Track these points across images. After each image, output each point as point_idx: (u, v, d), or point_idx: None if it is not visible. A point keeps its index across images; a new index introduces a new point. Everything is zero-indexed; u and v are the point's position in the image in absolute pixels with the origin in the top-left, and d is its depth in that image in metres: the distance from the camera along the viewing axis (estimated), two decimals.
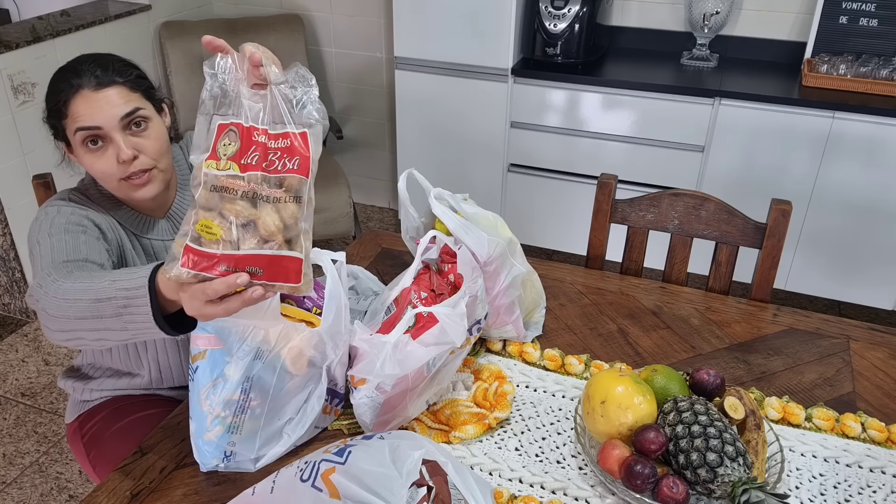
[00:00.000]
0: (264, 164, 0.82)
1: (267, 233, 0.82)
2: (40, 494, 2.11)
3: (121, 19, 3.04)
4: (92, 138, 1.16)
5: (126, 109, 1.17)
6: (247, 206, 0.82)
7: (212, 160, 0.83)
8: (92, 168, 1.19)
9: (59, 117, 1.18)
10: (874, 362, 1.38)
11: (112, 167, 1.18)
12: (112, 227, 1.25)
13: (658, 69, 2.83)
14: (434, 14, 2.82)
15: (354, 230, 3.05)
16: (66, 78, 1.17)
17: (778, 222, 1.59)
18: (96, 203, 1.27)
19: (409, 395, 1.14)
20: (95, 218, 1.23)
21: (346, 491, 0.86)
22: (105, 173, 1.19)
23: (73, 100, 1.15)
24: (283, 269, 0.81)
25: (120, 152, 1.16)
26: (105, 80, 1.17)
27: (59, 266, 1.10)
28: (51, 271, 1.07)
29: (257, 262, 0.81)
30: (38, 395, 2.48)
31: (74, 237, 1.16)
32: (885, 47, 2.62)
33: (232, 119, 0.84)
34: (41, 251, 1.14)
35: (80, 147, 1.18)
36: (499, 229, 1.33)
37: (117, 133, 1.16)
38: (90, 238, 1.19)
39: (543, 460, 1.16)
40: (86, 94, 1.15)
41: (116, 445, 1.39)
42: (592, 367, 1.35)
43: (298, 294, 0.85)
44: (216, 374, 1.07)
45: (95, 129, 1.15)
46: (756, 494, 0.96)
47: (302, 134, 0.84)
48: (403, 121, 3.08)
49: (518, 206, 3.05)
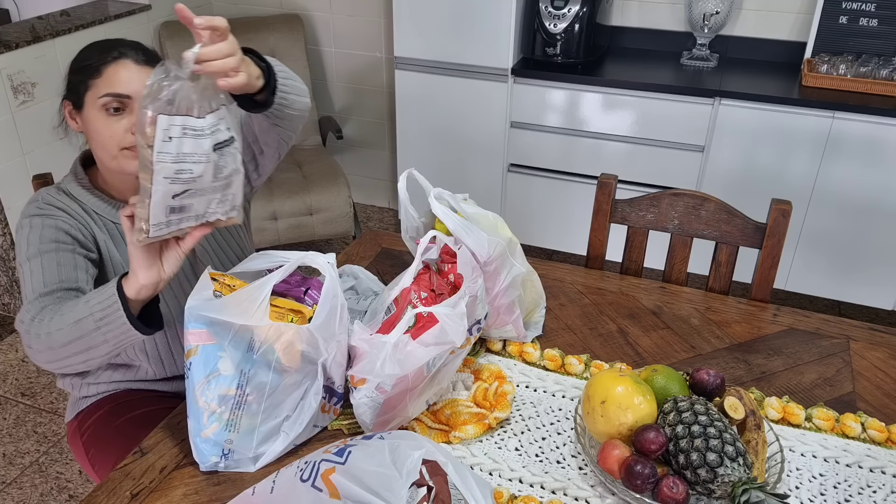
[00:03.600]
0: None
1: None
2: (40, 494, 2.11)
3: (121, 19, 3.04)
4: (116, 105, 1.21)
5: None
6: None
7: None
8: (99, 132, 1.23)
9: (91, 75, 1.22)
10: (874, 362, 1.38)
11: (122, 134, 1.22)
12: (86, 224, 1.29)
13: (658, 69, 2.83)
14: (434, 14, 2.82)
15: (354, 230, 3.05)
16: (113, 46, 1.24)
17: (778, 222, 1.59)
18: (74, 198, 1.31)
19: (409, 395, 1.14)
20: (67, 224, 1.26)
21: (346, 491, 0.86)
22: (112, 139, 1.23)
23: (114, 65, 1.22)
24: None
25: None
26: (146, 60, 1.25)
27: (37, 300, 1.17)
28: (29, 308, 1.15)
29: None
30: (37, 395, 2.48)
31: (49, 259, 1.21)
32: (885, 47, 2.62)
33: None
34: (23, 277, 1.22)
35: (97, 109, 1.22)
36: (499, 229, 1.33)
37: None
38: (64, 253, 1.23)
39: (543, 460, 1.16)
40: (127, 64, 1.22)
41: (116, 443, 1.39)
42: (592, 367, 1.35)
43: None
44: (210, 370, 1.07)
45: (124, 98, 1.21)
46: (756, 494, 0.96)
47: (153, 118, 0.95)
48: (403, 121, 3.08)
49: (518, 206, 3.05)
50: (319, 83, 3.54)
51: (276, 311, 1.11)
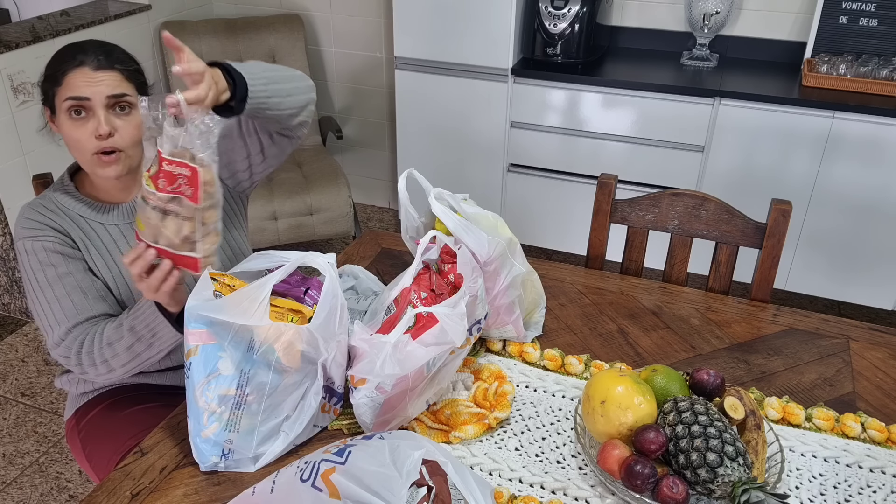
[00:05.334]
0: (169, 188, 1.06)
1: (166, 240, 1.09)
2: (40, 494, 2.11)
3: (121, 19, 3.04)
4: (77, 108, 1.25)
5: (116, 91, 1.26)
6: (154, 215, 1.08)
7: (147, 173, 1.08)
8: (70, 136, 1.27)
9: (54, 84, 1.27)
10: (874, 362, 1.38)
11: (87, 138, 1.26)
12: (65, 231, 1.32)
13: (658, 69, 2.83)
14: (434, 14, 2.82)
15: (354, 230, 3.05)
16: (73, 53, 1.27)
17: (778, 222, 1.59)
18: (57, 205, 1.34)
19: (409, 395, 1.14)
20: (52, 242, 1.30)
21: (346, 491, 0.86)
22: (80, 142, 1.27)
23: (73, 72, 1.25)
24: (184, 262, 1.10)
25: (99, 126, 1.25)
26: (106, 64, 1.27)
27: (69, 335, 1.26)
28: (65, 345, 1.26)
29: (166, 255, 1.10)
30: (37, 395, 2.48)
31: (59, 291, 1.28)
32: (885, 47, 2.62)
33: (158, 145, 1.07)
34: (36, 310, 1.29)
35: (63, 114, 1.26)
36: (499, 229, 1.33)
37: (101, 109, 1.25)
38: (67, 279, 1.29)
39: (543, 460, 1.16)
40: (85, 71, 1.25)
41: (113, 439, 1.40)
42: (592, 367, 1.35)
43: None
44: (210, 370, 1.07)
45: (83, 100, 1.25)
46: (756, 494, 0.96)
47: (194, 170, 1.05)
48: (403, 121, 3.08)
49: (518, 206, 3.05)
50: (319, 83, 3.54)
51: (276, 311, 1.11)
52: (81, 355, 1.26)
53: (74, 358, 1.27)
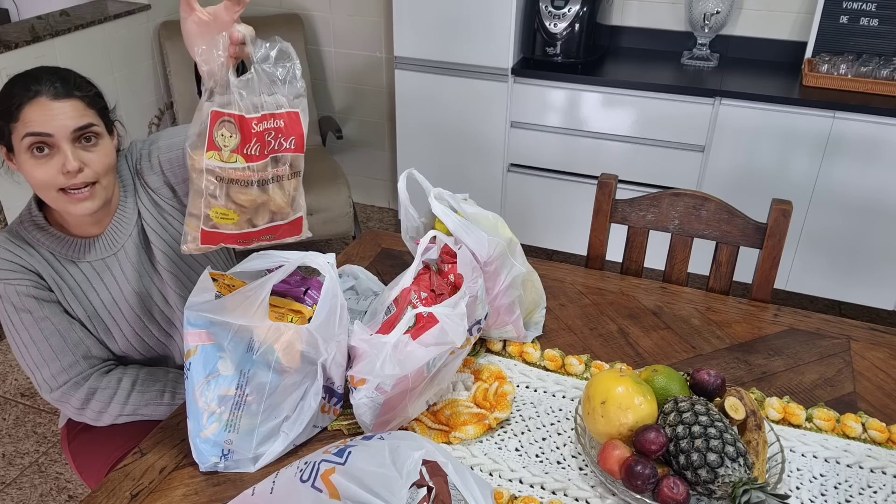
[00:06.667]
0: (266, 151, 0.90)
1: (277, 209, 0.96)
2: (40, 495, 2.11)
3: (120, 19, 3.04)
4: (39, 145, 1.14)
5: (80, 123, 1.16)
6: (258, 192, 0.93)
7: (213, 151, 0.90)
8: (32, 175, 1.17)
9: (8, 120, 1.15)
10: (875, 362, 1.38)
11: (53, 176, 1.16)
12: (36, 270, 1.25)
13: (658, 69, 2.83)
14: (434, 14, 2.82)
15: (354, 230, 3.05)
16: (26, 84, 1.16)
17: (778, 222, 1.59)
18: (28, 242, 1.26)
19: (409, 395, 1.13)
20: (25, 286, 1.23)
21: (345, 491, 0.86)
22: (45, 182, 1.17)
23: (29, 105, 1.14)
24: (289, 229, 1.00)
25: (67, 162, 1.15)
26: (64, 92, 1.16)
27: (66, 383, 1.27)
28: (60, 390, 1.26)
29: (271, 231, 0.98)
30: (37, 396, 2.47)
31: (35, 332, 1.24)
32: (886, 47, 2.62)
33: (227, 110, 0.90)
34: (17, 353, 1.26)
35: (24, 153, 1.16)
36: (499, 229, 1.32)
37: (66, 143, 1.15)
38: (46, 314, 1.25)
39: (544, 461, 1.16)
40: (42, 102, 1.14)
41: (101, 449, 1.40)
42: (593, 367, 1.35)
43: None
44: (209, 370, 1.07)
45: (46, 136, 1.14)
46: (757, 495, 0.96)
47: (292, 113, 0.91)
48: (403, 121, 3.07)
49: (518, 206, 3.05)
50: (319, 83, 3.54)
51: (276, 311, 1.11)
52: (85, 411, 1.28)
53: (76, 411, 1.29)
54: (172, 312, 1.38)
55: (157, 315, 1.37)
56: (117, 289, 1.32)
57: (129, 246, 1.32)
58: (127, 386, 1.31)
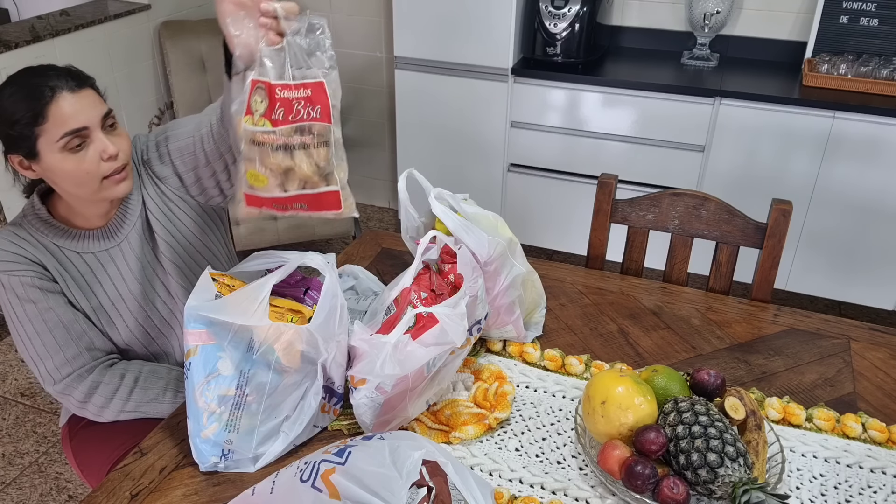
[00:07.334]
0: (291, 117, 0.93)
1: (304, 177, 0.97)
2: (39, 494, 2.11)
3: (120, 19, 3.04)
4: (76, 141, 1.16)
5: (104, 109, 1.20)
6: (283, 156, 0.96)
7: (248, 116, 0.96)
8: (74, 172, 1.18)
9: (35, 123, 1.14)
10: (875, 363, 1.38)
11: (96, 165, 1.19)
12: (40, 262, 1.25)
13: (658, 69, 2.83)
14: (434, 14, 2.82)
15: (354, 230, 3.05)
16: (37, 85, 1.15)
17: (778, 222, 1.59)
18: (32, 234, 1.27)
19: (409, 395, 1.13)
20: (30, 277, 1.23)
21: (345, 491, 0.86)
22: (91, 173, 1.19)
23: (54, 103, 1.14)
24: (324, 201, 1.00)
25: (106, 148, 1.18)
26: (77, 84, 1.18)
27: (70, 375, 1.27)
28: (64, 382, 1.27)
29: (301, 199, 0.99)
30: (37, 395, 2.47)
31: (39, 323, 1.24)
32: (886, 47, 2.62)
33: (259, 77, 0.94)
34: (20, 345, 1.26)
35: (58, 153, 1.16)
36: (499, 229, 1.32)
37: (99, 131, 1.18)
38: (50, 305, 1.24)
39: (544, 461, 1.16)
40: (66, 96, 1.15)
41: (102, 448, 1.40)
42: (593, 367, 1.35)
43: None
44: (209, 370, 1.07)
45: (82, 130, 1.16)
46: (757, 495, 0.96)
47: (319, 83, 0.93)
48: (403, 121, 3.07)
49: (518, 206, 3.05)
50: None
51: (276, 311, 1.11)
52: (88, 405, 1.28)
53: (78, 405, 1.29)
54: (174, 303, 1.40)
55: (160, 306, 1.38)
56: (121, 279, 1.33)
57: (133, 237, 1.34)
58: (129, 382, 1.31)
